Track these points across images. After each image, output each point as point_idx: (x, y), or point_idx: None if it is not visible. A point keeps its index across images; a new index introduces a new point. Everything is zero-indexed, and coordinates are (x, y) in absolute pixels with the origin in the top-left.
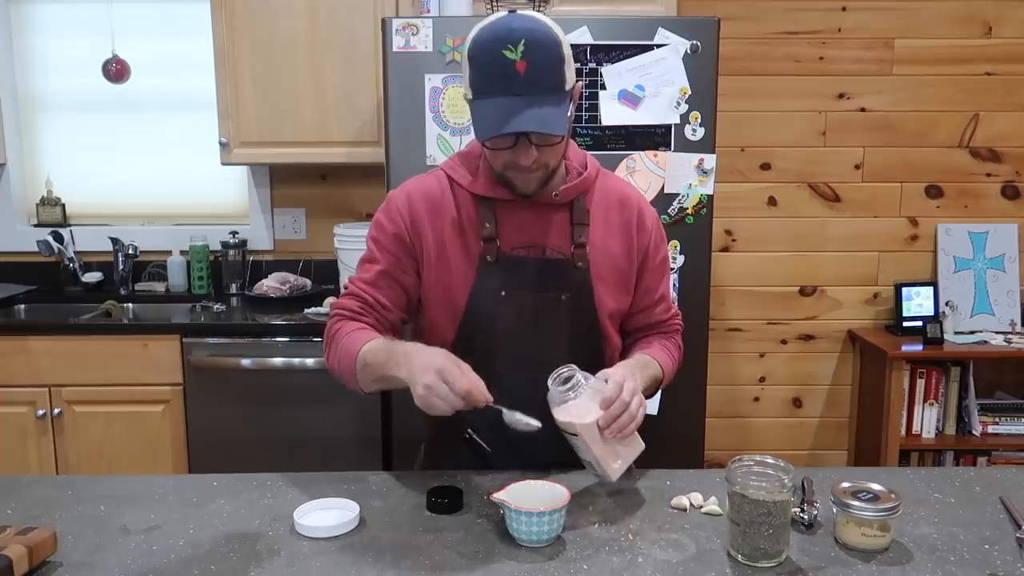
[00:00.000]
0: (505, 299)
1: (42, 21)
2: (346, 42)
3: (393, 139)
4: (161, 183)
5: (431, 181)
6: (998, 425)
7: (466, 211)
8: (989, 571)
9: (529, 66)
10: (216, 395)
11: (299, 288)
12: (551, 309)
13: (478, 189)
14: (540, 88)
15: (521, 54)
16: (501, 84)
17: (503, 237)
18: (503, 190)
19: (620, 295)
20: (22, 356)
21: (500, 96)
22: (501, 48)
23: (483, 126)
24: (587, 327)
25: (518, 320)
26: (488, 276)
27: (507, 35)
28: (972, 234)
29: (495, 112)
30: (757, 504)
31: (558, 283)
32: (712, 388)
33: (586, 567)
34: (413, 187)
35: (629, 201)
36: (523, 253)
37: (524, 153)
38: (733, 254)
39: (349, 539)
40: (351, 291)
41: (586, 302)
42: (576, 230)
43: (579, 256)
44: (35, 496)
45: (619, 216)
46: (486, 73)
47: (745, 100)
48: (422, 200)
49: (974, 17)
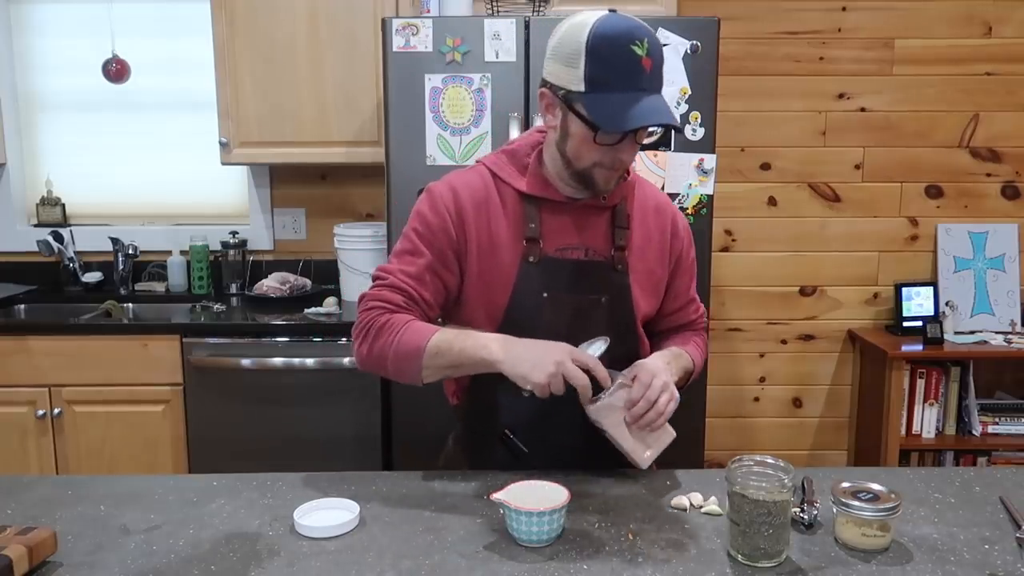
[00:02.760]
0: (546, 300)
1: (42, 21)
2: (346, 42)
3: (393, 139)
4: (161, 183)
5: (474, 177)
6: (998, 425)
7: (511, 209)
8: (989, 571)
9: (653, 63)
10: (216, 395)
11: (299, 288)
12: (590, 311)
13: (526, 188)
14: (659, 86)
15: (647, 51)
16: (629, 79)
17: (546, 238)
18: (552, 190)
19: (652, 299)
20: (22, 356)
21: (629, 91)
22: (629, 43)
23: (611, 118)
24: (624, 329)
25: (558, 321)
26: (530, 277)
27: (635, 31)
28: (972, 234)
29: (625, 105)
30: (757, 504)
31: (598, 285)
32: (712, 388)
33: (586, 567)
34: (456, 181)
35: (665, 208)
36: (565, 255)
37: (631, 149)
38: (733, 254)
39: (349, 539)
40: (393, 284)
41: (624, 304)
42: (617, 233)
43: (618, 259)
44: (35, 496)
45: (655, 222)
46: (613, 67)
47: (745, 100)
48: (467, 195)
49: (974, 17)
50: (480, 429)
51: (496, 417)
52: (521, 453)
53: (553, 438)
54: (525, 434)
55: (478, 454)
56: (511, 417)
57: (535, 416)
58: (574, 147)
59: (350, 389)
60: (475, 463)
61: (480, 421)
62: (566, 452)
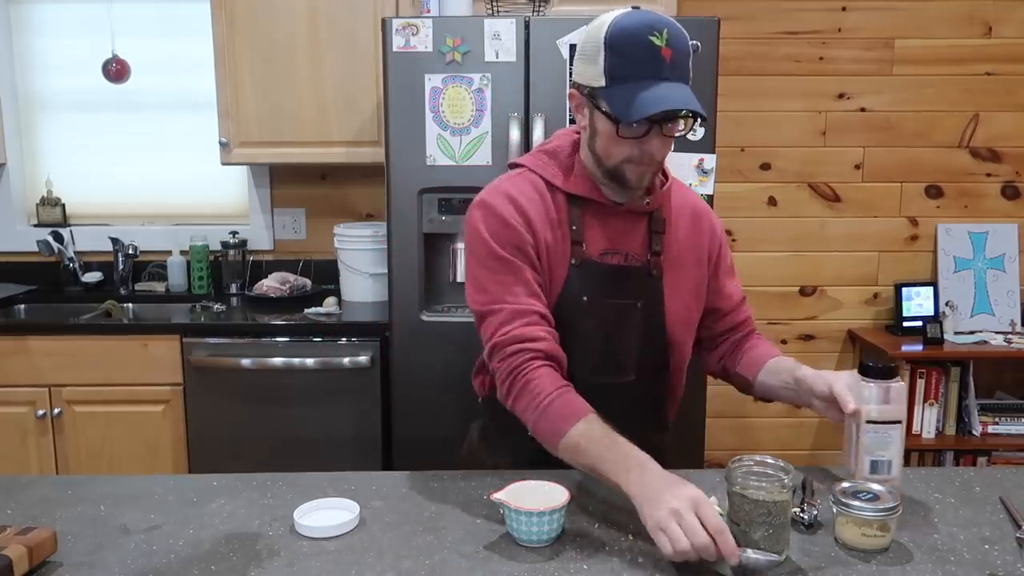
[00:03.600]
0: (586, 304)
1: (42, 21)
2: (346, 42)
3: (393, 139)
4: (161, 183)
5: (524, 182)
6: (998, 425)
7: (560, 212)
8: (989, 571)
9: (674, 53)
10: (216, 395)
11: (299, 288)
12: (626, 315)
13: (573, 188)
14: (682, 76)
15: (666, 41)
16: (649, 68)
17: (588, 242)
18: (597, 191)
19: (691, 302)
20: (22, 356)
21: (648, 80)
22: (647, 34)
23: (635, 108)
24: (655, 334)
25: (596, 325)
26: (573, 280)
27: (654, 22)
28: (972, 234)
29: (644, 94)
30: (757, 504)
31: (634, 290)
32: (712, 388)
33: (586, 567)
34: (514, 191)
35: (702, 212)
36: (605, 259)
37: (659, 142)
38: (733, 254)
39: (349, 539)
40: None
41: (657, 309)
42: (654, 238)
43: (654, 264)
44: (35, 496)
45: (692, 226)
46: (631, 58)
47: (745, 100)
48: (528, 204)
49: (974, 17)
50: (506, 424)
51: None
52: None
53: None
54: None
55: (500, 448)
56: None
57: None
58: (602, 145)
59: (350, 389)
60: (495, 456)
61: (507, 416)
62: None
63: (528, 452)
